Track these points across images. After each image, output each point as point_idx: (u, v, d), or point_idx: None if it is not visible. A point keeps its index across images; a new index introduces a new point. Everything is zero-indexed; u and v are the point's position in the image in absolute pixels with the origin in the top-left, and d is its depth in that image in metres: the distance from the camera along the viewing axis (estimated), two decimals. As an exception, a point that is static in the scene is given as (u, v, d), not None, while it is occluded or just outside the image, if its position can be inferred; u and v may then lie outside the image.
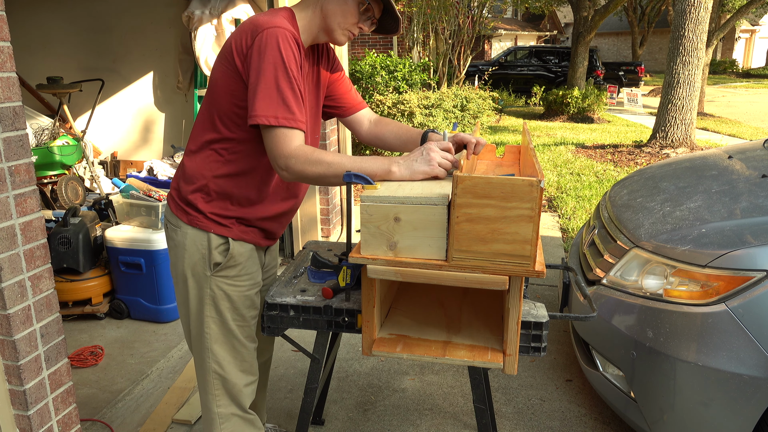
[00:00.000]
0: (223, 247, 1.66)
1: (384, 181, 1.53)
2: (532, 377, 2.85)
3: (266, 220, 1.72)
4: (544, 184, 1.30)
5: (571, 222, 5.22)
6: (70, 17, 5.10)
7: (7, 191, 1.63)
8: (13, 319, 1.67)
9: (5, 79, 1.61)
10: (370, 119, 1.92)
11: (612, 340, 2.23)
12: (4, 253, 1.63)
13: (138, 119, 5.26)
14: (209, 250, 1.64)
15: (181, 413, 2.52)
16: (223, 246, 1.66)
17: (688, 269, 2.03)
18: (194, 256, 1.65)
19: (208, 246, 1.64)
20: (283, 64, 1.45)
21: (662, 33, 31.42)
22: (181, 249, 1.67)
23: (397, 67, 7.85)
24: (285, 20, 1.51)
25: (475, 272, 1.39)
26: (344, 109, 1.88)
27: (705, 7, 7.84)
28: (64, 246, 3.23)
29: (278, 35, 1.45)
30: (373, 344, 1.61)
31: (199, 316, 1.70)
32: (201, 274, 1.66)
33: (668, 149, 8.26)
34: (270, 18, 1.50)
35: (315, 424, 2.47)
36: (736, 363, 1.86)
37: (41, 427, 1.79)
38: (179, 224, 1.67)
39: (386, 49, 12.02)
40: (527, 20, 29.58)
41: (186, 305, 1.72)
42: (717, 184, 2.59)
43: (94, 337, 3.20)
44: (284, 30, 1.46)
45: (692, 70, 8.04)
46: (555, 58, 16.86)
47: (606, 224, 2.66)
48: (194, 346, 1.76)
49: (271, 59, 1.44)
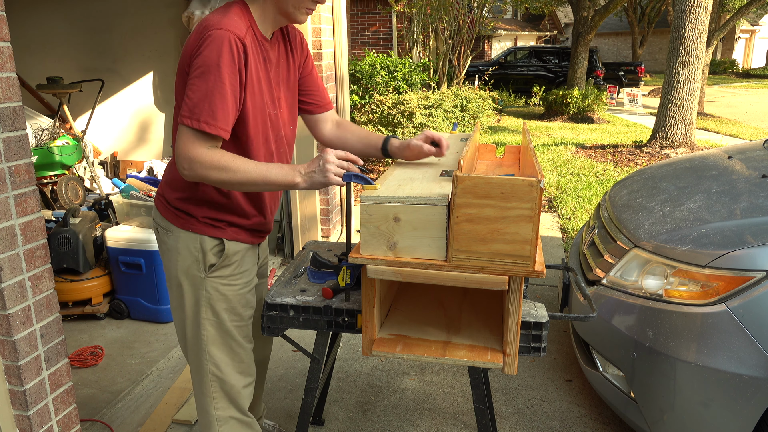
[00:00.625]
0: (217, 249, 1.65)
1: (384, 181, 1.53)
2: (532, 377, 2.85)
3: (256, 216, 1.72)
4: (543, 184, 1.30)
5: (570, 222, 5.22)
6: (70, 18, 5.10)
7: (7, 191, 1.63)
8: (13, 320, 1.67)
9: (5, 79, 1.61)
10: (333, 120, 1.90)
11: (612, 340, 2.23)
12: (4, 253, 1.63)
13: (138, 119, 5.26)
14: (203, 253, 1.64)
15: (181, 413, 2.52)
16: (217, 247, 1.65)
17: (688, 269, 2.03)
18: (188, 259, 1.64)
19: (201, 249, 1.64)
20: (219, 69, 1.42)
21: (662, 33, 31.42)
22: (174, 253, 1.66)
23: (397, 68, 7.85)
24: (235, 16, 1.49)
25: (475, 272, 1.39)
26: (315, 106, 1.84)
27: (705, 7, 7.84)
28: (64, 246, 3.23)
29: (222, 38, 1.43)
30: (373, 344, 1.61)
31: (196, 318, 1.69)
32: (196, 277, 1.65)
33: (668, 149, 8.26)
34: (220, 17, 1.47)
35: (315, 425, 2.47)
36: (736, 363, 1.86)
37: (41, 428, 1.79)
38: (171, 228, 1.66)
39: (386, 49, 12.03)
40: (527, 20, 29.59)
41: (181, 309, 1.70)
42: (717, 185, 2.59)
43: (94, 337, 3.20)
44: (227, 32, 1.44)
45: (692, 71, 8.04)
46: (555, 59, 16.85)
47: (606, 224, 2.67)
48: (190, 350, 1.74)
49: (208, 63, 1.42)
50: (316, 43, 3.96)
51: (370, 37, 12.33)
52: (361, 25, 12.42)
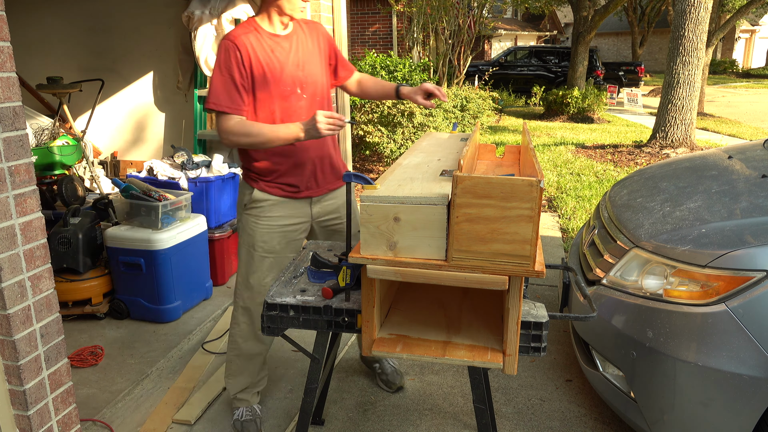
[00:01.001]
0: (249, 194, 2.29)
1: (384, 181, 1.53)
2: (532, 377, 2.85)
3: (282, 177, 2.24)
4: (543, 184, 1.30)
5: (570, 222, 5.22)
6: (70, 17, 5.10)
7: (7, 191, 1.63)
8: (13, 319, 1.66)
9: (5, 79, 1.61)
10: (355, 80, 2.50)
11: (612, 340, 2.23)
12: (4, 253, 1.63)
13: (138, 119, 5.26)
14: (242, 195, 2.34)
15: (181, 413, 2.52)
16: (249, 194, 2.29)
17: (688, 269, 2.03)
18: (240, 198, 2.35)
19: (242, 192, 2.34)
20: (226, 67, 2.06)
21: (662, 33, 31.42)
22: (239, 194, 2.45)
23: (397, 67, 7.85)
24: (242, 28, 2.11)
25: (475, 272, 1.39)
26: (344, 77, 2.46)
27: (705, 7, 7.84)
28: (64, 246, 3.23)
29: (226, 46, 2.06)
30: (373, 344, 1.61)
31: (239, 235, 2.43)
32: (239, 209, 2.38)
33: (668, 149, 8.26)
34: (231, 30, 2.12)
35: (315, 424, 2.47)
36: (737, 363, 1.86)
37: (41, 427, 1.79)
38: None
39: (386, 49, 12.02)
40: (527, 20, 29.58)
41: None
42: (717, 184, 2.59)
43: (94, 337, 3.20)
44: (228, 41, 2.06)
45: (692, 70, 8.04)
46: (555, 58, 16.85)
47: (606, 224, 2.66)
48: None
49: (218, 63, 2.07)
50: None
51: (370, 37, 12.32)
52: (361, 25, 12.42)
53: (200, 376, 2.82)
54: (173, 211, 3.38)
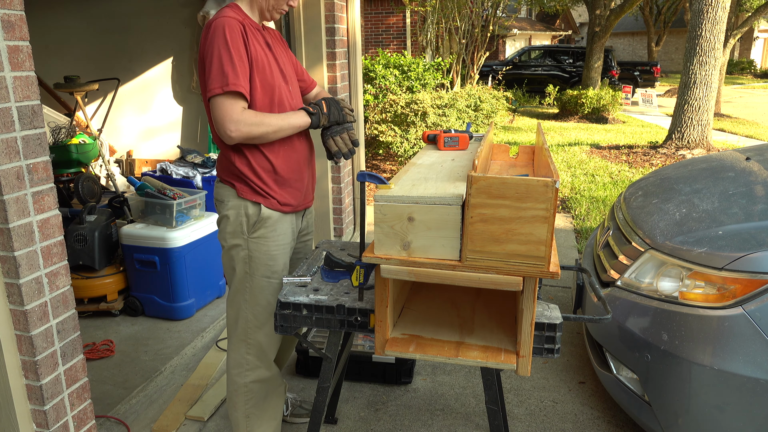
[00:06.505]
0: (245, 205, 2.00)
1: (398, 180, 1.53)
2: (544, 379, 2.83)
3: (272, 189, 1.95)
4: (558, 185, 1.29)
5: (585, 223, 5.18)
6: (87, 18, 5.15)
7: (25, 189, 1.65)
8: (30, 315, 1.69)
9: (24, 78, 1.63)
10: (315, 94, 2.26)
11: (626, 342, 2.21)
12: (22, 249, 1.65)
13: (153, 118, 5.31)
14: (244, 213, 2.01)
15: (194, 410, 2.54)
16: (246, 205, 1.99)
17: (705, 272, 2.01)
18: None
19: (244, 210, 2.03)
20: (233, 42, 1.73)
21: (679, 33, 31.06)
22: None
23: (411, 67, 7.84)
24: (229, 10, 1.83)
25: (489, 273, 1.39)
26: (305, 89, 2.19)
27: (723, 7, 7.74)
28: (79, 243, 3.27)
29: (220, 23, 1.74)
30: (386, 344, 1.61)
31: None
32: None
33: (684, 150, 8.17)
34: (216, 15, 1.81)
35: (328, 423, 2.48)
36: (753, 367, 1.83)
37: (57, 422, 1.81)
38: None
39: (400, 48, 12.02)
40: (541, 20, 29.42)
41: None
42: (734, 186, 2.55)
43: (108, 333, 3.23)
44: (224, 18, 1.76)
45: (709, 71, 7.95)
46: (569, 58, 16.73)
47: (621, 226, 2.64)
48: None
49: (215, 43, 1.73)
50: (330, 42, 3.96)
51: (383, 36, 12.32)
52: (375, 25, 12.42)
53: (213, 374, 2.83)
54: (188, 209, 3.41)
